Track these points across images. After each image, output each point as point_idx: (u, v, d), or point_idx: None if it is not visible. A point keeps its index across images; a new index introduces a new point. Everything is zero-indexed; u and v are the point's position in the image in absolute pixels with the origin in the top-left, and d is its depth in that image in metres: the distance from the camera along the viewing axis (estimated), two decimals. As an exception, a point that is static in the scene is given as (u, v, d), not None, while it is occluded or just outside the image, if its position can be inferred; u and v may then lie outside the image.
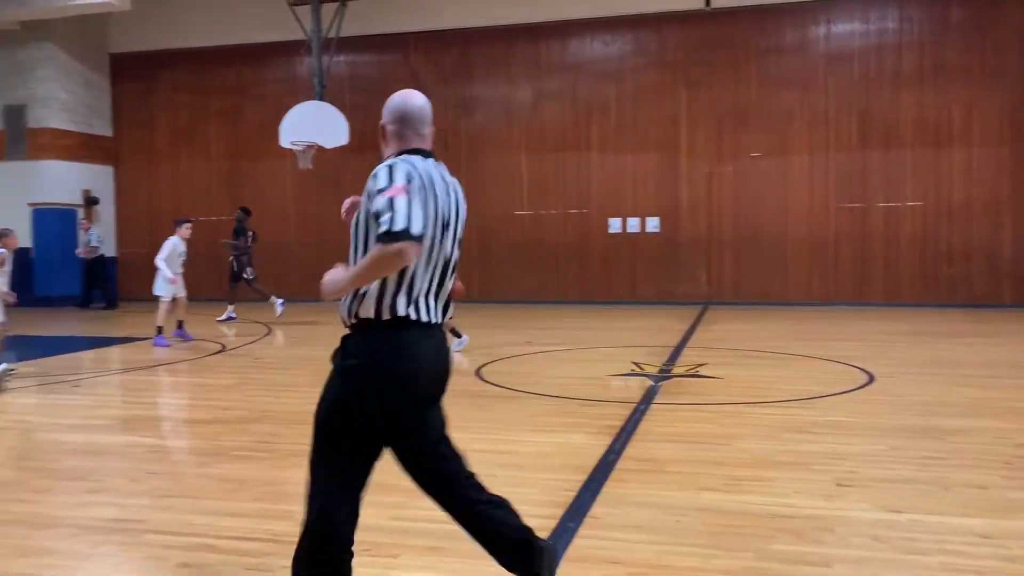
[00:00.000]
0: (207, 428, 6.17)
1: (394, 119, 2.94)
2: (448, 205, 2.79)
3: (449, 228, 2.77)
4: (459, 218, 2.86)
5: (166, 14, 17.72)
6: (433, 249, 2.69)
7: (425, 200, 2.64)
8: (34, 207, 17.12)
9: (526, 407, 6.68)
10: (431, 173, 2.78)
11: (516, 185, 16.90)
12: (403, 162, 2.70)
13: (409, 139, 2.91)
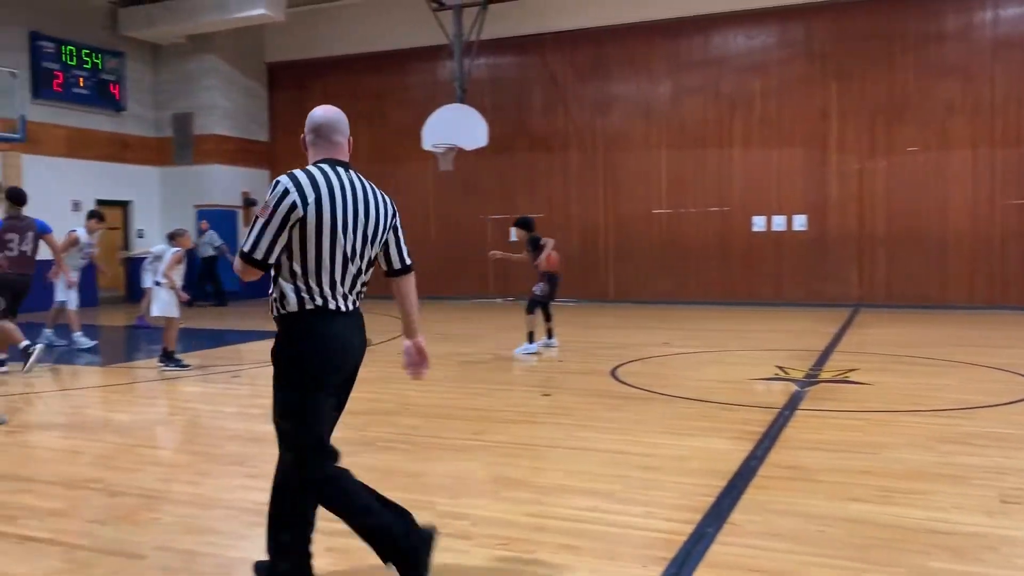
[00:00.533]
0: (354, 419, 6.42)
1: (309, 130, 3.33)
2: (354, 210, 3.09)
3: (352, 230, 3.07)
4: (370, 219, 3.14)
5: (317, 25, 18.59)
6: (334, 249, 3.01)
7: (313, 211, 2.99)
8: (199, 208, 18.36)
9: (663, 409, 6.59)
10: (332, 181, 3.09)
11: (654, 183, 16.68)
12: (289, 178, 3.08)
13: (321, 148, 3.28)
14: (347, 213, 3.06)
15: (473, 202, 17.98)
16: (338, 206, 3.05)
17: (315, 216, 2.99)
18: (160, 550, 3.65)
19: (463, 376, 8.42)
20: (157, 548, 3.66)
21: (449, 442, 5.61)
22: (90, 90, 17.09)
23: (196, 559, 3.59)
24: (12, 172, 15.59)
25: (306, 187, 3.04)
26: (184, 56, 18.50)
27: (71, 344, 10.61)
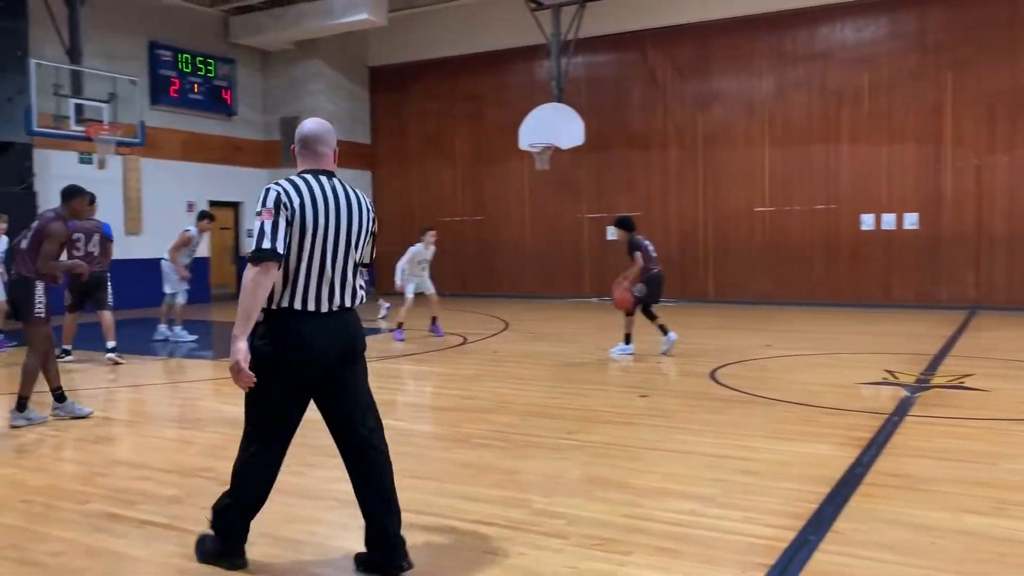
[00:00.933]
0: (450, 415, 6.52)
1: (296, 142, 3.48)
2: (336, 216, 3.31)
3: (334, 235, 3.30)
4: (352, 225, 3.37)
5: (417, 28, 18.92)
6: (313, 253, 3.25)
7: (297, 217, 3.20)
8: (304, 209, 18.95)
9: (765, 413, 6.43)
10: (315, 189, 3.29)
11: (757, 180, 16.28)
12: (276, 185, 3.26)
13: (307, 159, 3.43)
14: (328, 219, 3.28)
15: (569, 201, 17.95)
16: (320, 213, 3.27)
17: (299, 222, 3.22)
18: (266, 537, 3.79)
19: (558, 376, 8.42)
20: (263, 535, 3.81)
21: (544, 441, 5.62)
22: (204, 96, 17.89)
23: (299, 547, 3.71)
24: (132, 175, 16.48)
25: (291, 194, 3.24)
26: (291, 62, 19.14)
27: (172, 338, 11.17)
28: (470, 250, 18.83)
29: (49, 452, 5.60)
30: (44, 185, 14.92)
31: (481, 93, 18.87)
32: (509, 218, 18.68)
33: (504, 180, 18.67)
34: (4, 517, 4.17)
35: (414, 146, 19.86)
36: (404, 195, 19.96)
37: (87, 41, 14.22)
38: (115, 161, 15.18)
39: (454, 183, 19.33)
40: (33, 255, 6.34)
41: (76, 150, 15.10)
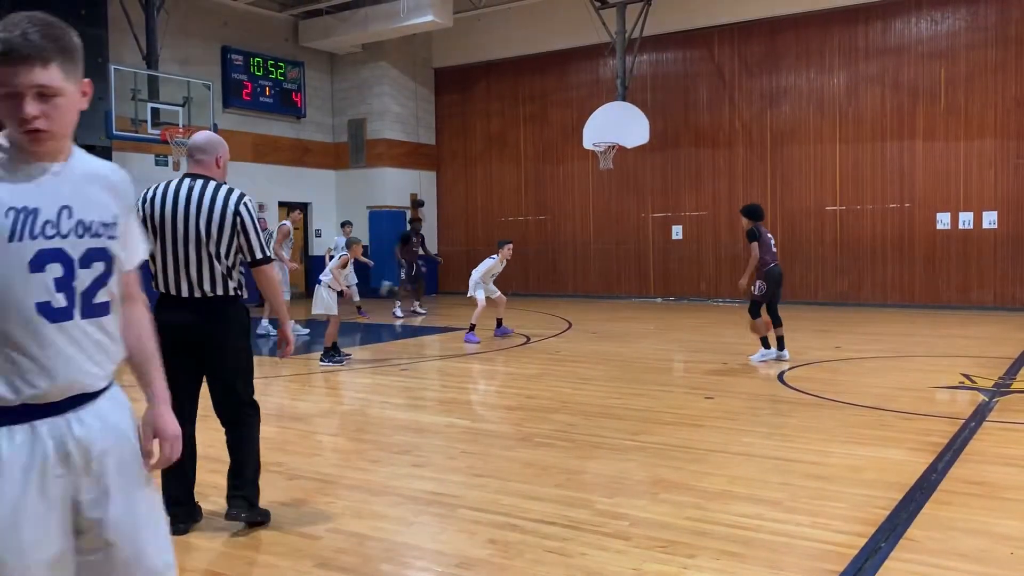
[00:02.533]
0: (513, 414, 6.54)
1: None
2: (187, 211, 3.77)
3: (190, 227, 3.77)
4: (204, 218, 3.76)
5: (481, 29, 19.02)
6: (174, 244, 3.76)
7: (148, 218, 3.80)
8: (371, 209, 19.25)
9: (835, 416, 6.27)
10: (173, 190, 3.82)
11: (827, 178, 15.91)
12: (142, 195, 3.80)
13: (188, 164, 3.98)
14: (174, 218, 3.78)
15: (634, 200, 17.82)
16: (167, 213, 3.78)
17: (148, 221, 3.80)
18: (333, 532, 3.85)
19: (622, 376, 8.37)
20: (330, 530, 3.88)
21: (607, 441, 5.59)
22: (274, 99, 18.30)
23: (365, 542, 3.77)
24: (206, 177, 16.93)
25: (154, 196, 3.85)
26: (358, 64, 19.44)
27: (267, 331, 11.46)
28: (533, 250, 18.84)
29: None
30: (123, 187, 15.47)
31: (545, 93, 18.87)
32: (573, 218, 18.64)
33: (567, 180, 18.63)
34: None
35: (478, 146, 19.98)
36: (468, 195, 20.09)
37: (163, 47, 14.68)
38: (189, 163, 15.64)
39: (517, 183, 19.38)
40: None
41: (153, 153, 15.62)
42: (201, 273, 3.75)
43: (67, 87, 1.66)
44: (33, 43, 1.60)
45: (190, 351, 3.76)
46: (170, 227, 3.75)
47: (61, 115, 1.66)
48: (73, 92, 1.67)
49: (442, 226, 20.51)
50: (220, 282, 3.78)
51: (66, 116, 1.67)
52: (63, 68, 1.64)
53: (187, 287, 3.76)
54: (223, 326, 3.83)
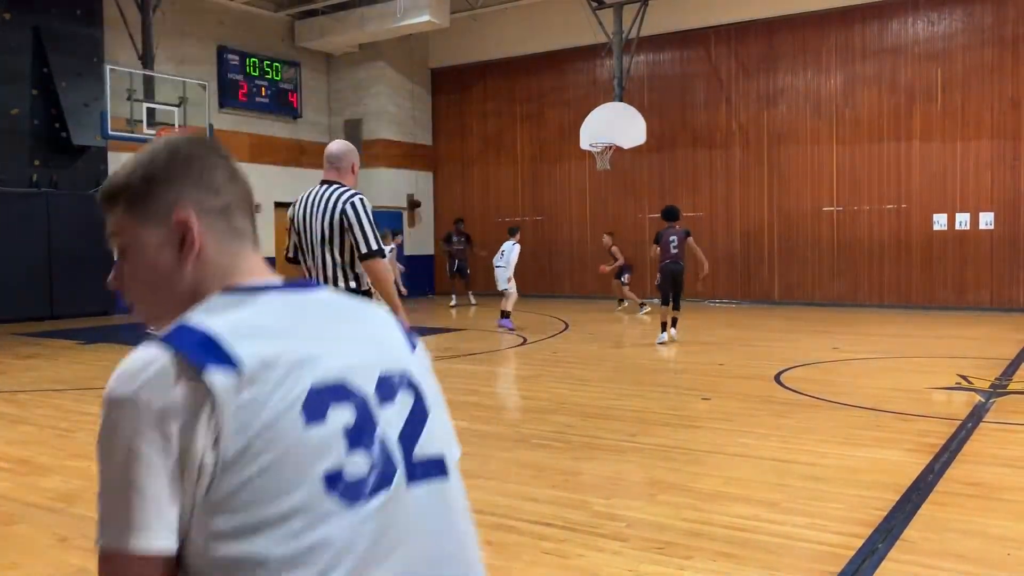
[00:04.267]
0: (510, 415, 6.53)
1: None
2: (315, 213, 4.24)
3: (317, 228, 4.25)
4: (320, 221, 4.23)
5: (478, 30, 19.00)
6: (310, 244, 4.27)
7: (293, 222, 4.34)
8: (367, 210, 19.20)
9: (831, 417, 6.27)
10: (307, 196, 4.32)
11: (824, 179, 15.92)
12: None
13: (324, 171, 4.42)
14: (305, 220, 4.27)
15: (631, 201, 17.82)
16: (301, 216, 4.30)
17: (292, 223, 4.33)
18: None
19: (619, 377, 8.36)
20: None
21: (604, 442, 5.58)
22: (270, 99, 18.27)
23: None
24: (203, 177, 16.89)
25: (302, 199, 4.35)
26: (354, 64, 19.42)
27: None
28: (530, 250, 18.81)
29: (121, 445, 5.77)
30: (119, 187, 15.42)
31: (542, 93, 18.86)
32: (569, 219, 18.63)
33: (564, 180, 18.63)
34: (78, 508, 4.31)
35: (475, 147, 19.96)
36: (465, 196, 20.07)
37: (159, 47, 14.65)
38: (186, 163, 15.60)
39: (514, 184, 19.37)
40: None
41: (149, 153, 15.56)
42: (326, 268, 4.22)
43: (133, 236, 1.12)
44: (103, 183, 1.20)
45: None
46: (305, 228, 4.28)
47: (134, 282, 1.14)
48: (148, 242, 1.10)
49: (439, 227, 20.49)
50: (342, 276, 4.21)
51: (136, 277, 1.13)
52: (129, 212, 1.12)
53: (321, 281, 4.17)
54: None
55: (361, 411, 1.06)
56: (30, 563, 3.58)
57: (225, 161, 1.15)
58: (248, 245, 1.14)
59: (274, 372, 0.99)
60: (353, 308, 1.16)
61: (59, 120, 14.33)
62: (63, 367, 9.31)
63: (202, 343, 0.98)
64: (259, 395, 0.97)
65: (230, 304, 1.05)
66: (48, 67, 14.21)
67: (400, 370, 1.14)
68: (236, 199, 1.14)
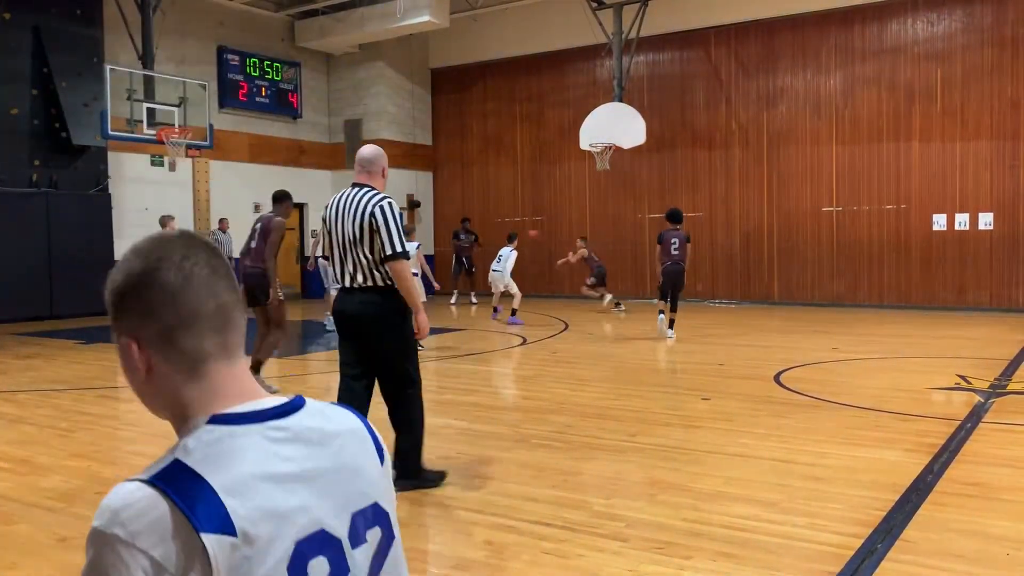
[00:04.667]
0: (510, 415, 6.53)
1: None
2: (345, 215, 4.46)
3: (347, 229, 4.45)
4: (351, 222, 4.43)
5: (477, 30, 19.01)
6: (340, 243, 4.48)
7: (325, 222, 4.59)
8: (367, 210, 19.20)
9: (831, 417, 6.27)
10: (338, 199, 4.56)
11: (824, 179, 15.93)
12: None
13: (355, 174, 4.67)
14: (337, 221, 4.48)
15: (630, 201, 17.82)
16: (333, 217, 4.51)
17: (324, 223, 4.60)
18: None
19: (619, 377, 8.36)
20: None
21: (603, 442, 5.58)
22: (270, 99, 18.27)
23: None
24: (201, 177, 16.91)
25: (334, 202, 4.57)
26: (354, 65, 19.42)
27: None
28: (529, 250, 18.82)
29: (122, 445, 5.78)
30: (118, 187, 15.44)
31: (541, 94, 18.87)
32: (569, 218, 18.63)
33: (564, 180, 18.63)
34: (77, 507, 4.31)
35: (474, 147, 19.96)
36: (464, 196, 20.07)
37: (159, 47, 14.65)
38: (185, 163, 15.61)
39: (514, 184, 19.37)
40: (262, 248, 7.54)
41: (148, 153, 15.58)
42: (357, 267, 4.41)
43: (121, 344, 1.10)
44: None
45: (355, 335, 4.49)
46: (336, 229, 4.49)
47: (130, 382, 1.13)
48: (121, 352, 1.10)
49: (438, 226, 20.49)
50: (370, 275, 4.41)
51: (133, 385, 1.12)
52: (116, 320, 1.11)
53: (349, 279, 4.44)
54: (379, 312, 4.42)
55: (336, 559, 1.07)
56: (31, 563, 3.58)
57: (188, 276, 1.09)
58: (213, 363, 1.10)
59: (264, 530, 1.00)
60: (330, 433, 1.14)
61: (59, 120, 14.33)
62: (63, 367, 9.31)
63: (202, 502, 0.98)
64: (251, 555, 0.98)
65: (221, 443, 1.04)
66: (48, 67, 14.21)
67: (371, 503, 1.16)
68: (182, 321, 1.08)
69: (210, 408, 1.08)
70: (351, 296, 4.44)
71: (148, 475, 0.99)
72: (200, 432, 1.05)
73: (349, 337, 4.51)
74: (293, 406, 1.13)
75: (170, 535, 0.95)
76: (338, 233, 4.46)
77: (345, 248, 4.43)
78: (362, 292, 4.41)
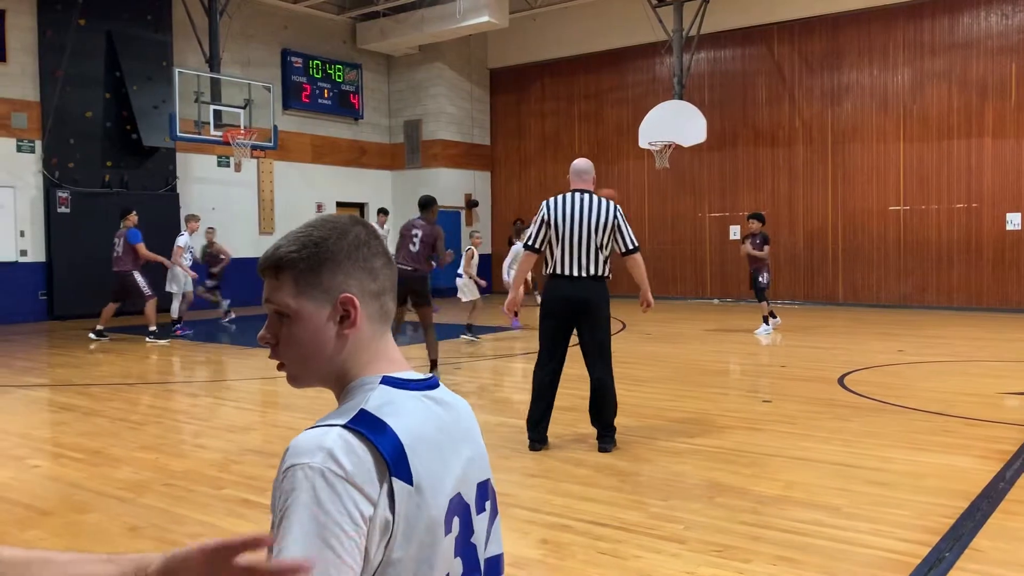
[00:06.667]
0: (566, 415, 6.51)
1: (570, 172, 5.59)
2: (577, 216, 5.27)
3: (578, 227, 5.27)
4: (592, 222, 5.29)
5: (537, 29, 19.01)
6: (566, 239, 5.25)
7: (544, 219, 5.33)
8: (426, 209, 19.38)
9: (897, 421, 6.11)
10: (571, 201, 5.34)
11: (891, 178, 15.52)
12: (545, 203, 5.41)
13: (574, 182, 5.50)
14: (572, 219, 5.27)
15: (690, 200, 17.63)
16: (567, 216, 5.27)
17: (557, 222, 5.29)
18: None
19: (677, 378, 8.28)
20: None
21: (661, 444, 5.54)
22: (332, 101, 18.56)
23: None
24: (266, 177, 17.27)
25: (561, 205, 5.32)
26: (414, 65, 19.60)
27: None
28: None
29: (189, 439, 5.94)
30: (186, 187, 15.85)
31: (600, 92, 18.78)
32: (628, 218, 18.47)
33: (622, 179, 18.51)
34: (147, 498, 4.45)
35: (532, 147, 19.97)
36: (521, 195, 20.10)
37: (225, 50, 15.00)
38: (250, 164, 15.96)
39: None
40: (426, 252, 8.30)
41: (215, 154, 15.98)
42: (588, 259, 5.21)
43: (298, 308, 1.19)
44: (268, 253, 1.26)
45: (569, 316, 5.30)
46: (569, 226, 5.20)
47: (291, 346, 1.22)
48: (312, 316, 1.19)
49: (496, 226, 20.56)
50: (596, 264, 5.25)
51: (292, 343, 1.21)
52: (296, 285, 1.20)
53: (576, 269, 5.22)
54: (598, 297, 5.31)
55: (465, 521, 1.21)
56: (102, 551, 3.70)
57: (381, 246, 1.26)
58: (385, 327, 1.26)
59: (428, 484, 1.13)
60: (460, 412, 1.29)
61: (130, 122, 14.79)
62: (133, 362, 9.61)
63: (392, 449, 1.10)
64: (420, 504, 1.11)
65: (395, 402, 1.17)
66: (120, 71, 14.67)
67: (487, 477, 1.31)
68: (389, 284, 1.25)
69: (380, 370, 1.22)
70: (578, 283, 5.23)
71: (345, 421, 1.11)
72: (377, 391, 1.18)
73: (565, 319, 5.29)
74: (435, 382, 1.27)
75: (375, 476, 1.07)
76: (574, 231, 5.18)
77: (579, 243, 5.19)
78: (590, 280, 5.23)
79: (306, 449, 1.06)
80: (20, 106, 13.84)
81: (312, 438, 1.07)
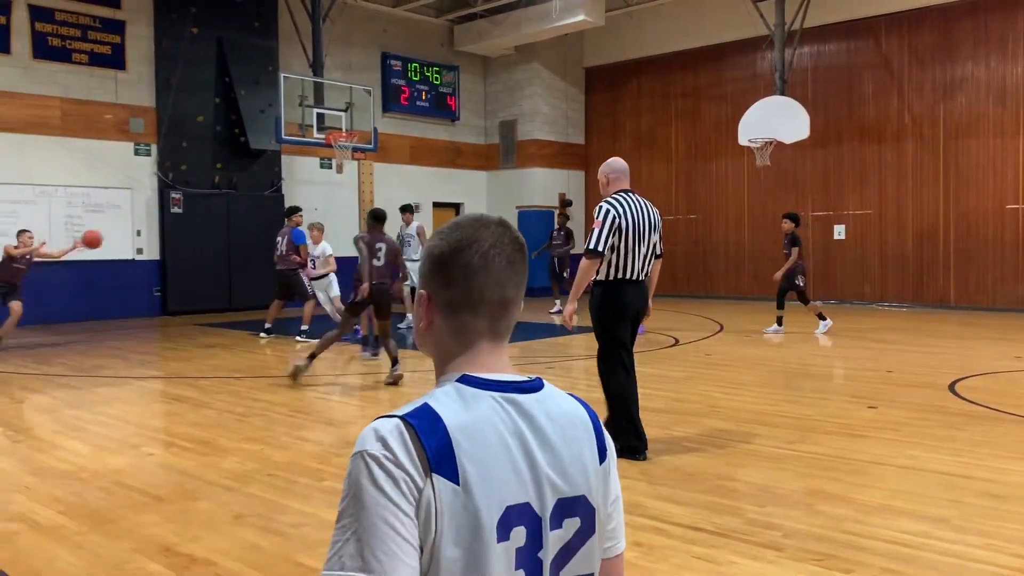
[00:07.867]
0: (660, 417, 6.44)
1: (611, 172, 5.32)
2: (642, 218, 5.15)
3: (644, 230, 5.15)
4: (651, 224, 5.22)
5: (632, 27, 18.83)
6: (635, 242, 5.10)
7: (616, 223, 5.05)
8: (520, 209, 19.48)
9: (1012, 431, 5.80)
10: (632, 202, 5.15)
11: (1008, 175, 14.71)
12: (606, 201, 5.15)
13: (621, 182, 5.27)
14: (642, 220, 5.15)
15: (792, 198, 17.13)
16: (637, 219, 5.13)
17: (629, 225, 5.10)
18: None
19: (776, 382, 8.07)
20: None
21: (759, 449, 5.41)
22: (430, 103, 18.86)
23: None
24: (366, 179, 17.67)
25: (623, 205, 5.10)
26: (510, 66, 19.72)
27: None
28: (682, 250, 18.49)
29: (292, 431, 6.14)
30: (290, 188, 16.39)
31: (698, 89, 18.47)
32: (726, 217, 18.15)
33: (721, 178, 18.16)
34: (251, 488, 4.63)
35: (627, 145, 19.79)
36: (618, 194, 19.93)
37: (327, 55, 15.44)
38: (351, 166, 16.37)
39: (668, 182, 19.06)
40: (391, 266, 8.31)
41: (318, 156, 16.46)
42: (646, 261, 5.20)
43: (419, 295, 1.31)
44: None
45: (635, 317, 5.28)
46: (639, 230, 5.08)
47: (415, 323, 1.34)
48: (419, 301, 1.30)
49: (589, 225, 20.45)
50: (647, 268, 5.23)
51: (417, 328, 1.33)
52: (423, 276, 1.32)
53: (640, 273, 5.18)
54: (647, 298, 5.34)
55: (534, 533, 1.18)
56: (210, 537, 3.88)
57: (488, 264, 1.25)
58: (479, 339, 1.26)
59: (480, 485, 1.13)
60: (556, 418, 1.24)
61: (238, 125, 15.39)
62: (240, 356, 10.00)
63: (442, 446, 1.12)
64: (468, 505, 1.11)
65: (463, 400, 1.19)
66: (229, 76, 15.30)
67: (578, 494, 1.24)
68: (469, 299, 1.25)
69: (465, 369, 1.24)
70: (641, 286, 5.21)
71: (403, 412, 1.16)
72: (450, 387, 1.21)
73: (632, 320, 5.26)
74: (533, 386, 1.25)
75: (420, 469, 1.11)
76: (641, 234, 5.10)
77: (644, 245, 5.13)
78: (644, 282, 5.25)
79: (367, 437, 1.13)
80: (137, 112, 14.60)
81: (374, 428, 1.14)
